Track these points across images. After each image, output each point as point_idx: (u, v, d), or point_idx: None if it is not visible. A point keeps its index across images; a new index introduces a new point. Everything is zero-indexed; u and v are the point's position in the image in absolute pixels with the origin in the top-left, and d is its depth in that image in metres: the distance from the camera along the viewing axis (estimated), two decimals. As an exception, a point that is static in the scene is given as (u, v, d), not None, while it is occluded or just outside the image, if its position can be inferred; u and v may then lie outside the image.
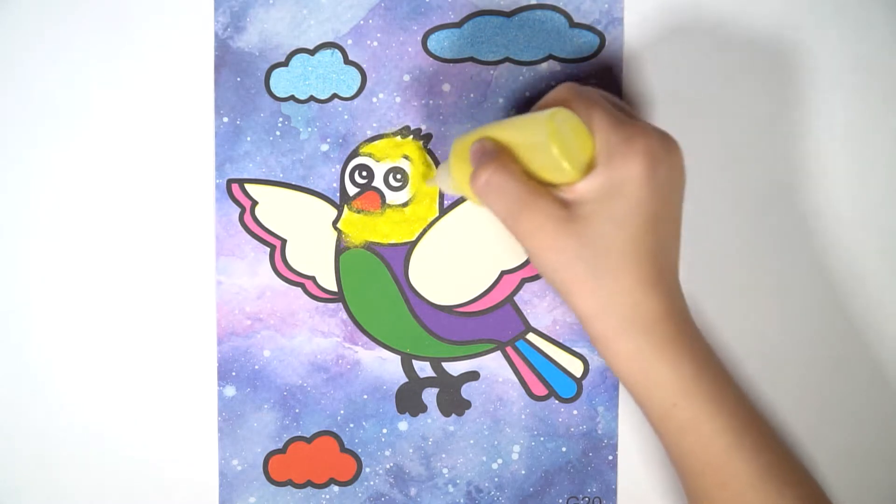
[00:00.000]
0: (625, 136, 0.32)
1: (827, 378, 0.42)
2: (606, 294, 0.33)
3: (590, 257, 0.32)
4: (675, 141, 0.34)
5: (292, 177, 0.42)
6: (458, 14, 0.41)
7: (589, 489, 0.42)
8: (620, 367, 0.34)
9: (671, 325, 0.33)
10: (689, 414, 0.33)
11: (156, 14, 0.41)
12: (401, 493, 0.43)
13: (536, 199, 0.33)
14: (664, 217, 0.33)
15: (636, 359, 0.33)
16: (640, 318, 0.33)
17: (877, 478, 0.42)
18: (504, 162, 0.34)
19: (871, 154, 0.41)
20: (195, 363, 0.42)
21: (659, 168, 0.32)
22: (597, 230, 0.32)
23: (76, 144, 0.42)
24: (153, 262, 0.42)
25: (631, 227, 0.32)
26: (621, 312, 0.33)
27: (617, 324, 0.33)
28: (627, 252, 0.32)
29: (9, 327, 0.42)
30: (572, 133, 0.33)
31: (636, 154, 0.32)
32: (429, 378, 0.42)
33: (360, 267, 0.42)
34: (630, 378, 0.34)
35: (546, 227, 0.33)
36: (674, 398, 0.33)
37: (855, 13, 0.41)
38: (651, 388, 0.34)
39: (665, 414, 0.34)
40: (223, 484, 0.43)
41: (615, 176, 0.32)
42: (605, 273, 0.32)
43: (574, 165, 0.32)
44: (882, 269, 0.41)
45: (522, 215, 0.33)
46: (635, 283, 0.33)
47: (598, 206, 0.32)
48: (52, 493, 0.43)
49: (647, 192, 0.32)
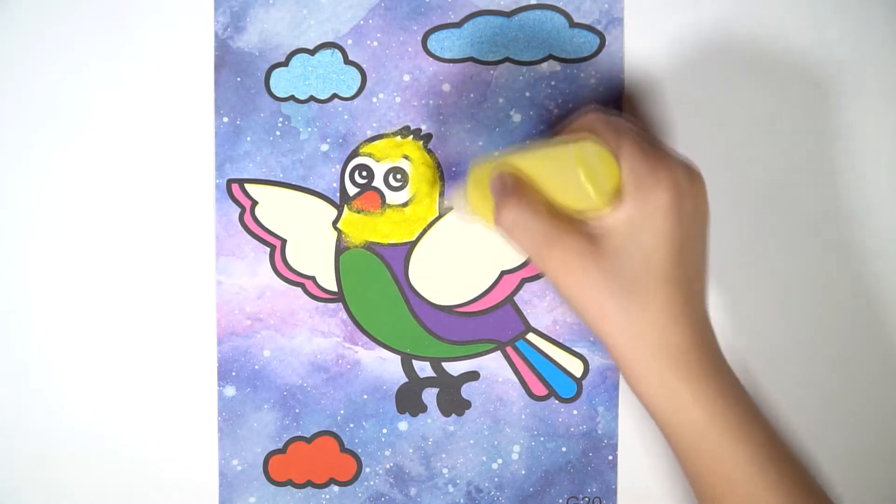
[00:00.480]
0: (651, 166, 0.32)
1: (827, 378, 0.42)
2: (635, 326, 0.33)
3: (617, 290, 0.32)
4: (699, 172, 0.34)
5: (292, 177, 0.42)
6: (458, 14, 0.41)
7: (589, 489, 0.42)
8: (649, 398, 0.34)
9: (699, 356, 0.33)
10: (716, 445, 0.33)
11: (156, 14, 0.41)
12: (401, 493, 0.43)
13: (562, 235, 0.33)
14: (690, 248, 0.33)
15: (664, 389, 0.33)
16: (668, 349, 0.33)
17: (877, 478, 0.42)
18: (527, 197, 0.33)
19: (872, 154, 0.41)
20: (195, 363, 0.42)
21: (685, 199, 0.32)
22: (623, 262, 0.32)
23: (76, 144, 0.42)
24: (153, 262, 0.42)
25: (658, 259, 0.32)
26: (649, 343, 0.33)
27: (645, 355, 0.33)
28: (655, 283, 0.32)
29: (9, 327, 0.42)
30: (600, 162, 0.32)
31: (663, 185, 0.32)
32: (429, 378, 0.42)
33: (360, 267, 0.42)
34: (658, 408, 0.34)
35: (573, 263, 0.33)
36: (701, 429, 0.33)
37: (855, 13, 0.41)
38: (678, 419, 0.33)
39: (691, 445, 0.34)
40: (223, 484, 0.43)
41: (642, 207, 0.32)
42: (632, 305, 0.32)
43: (601, 195, 0.32)
44: (882, 269, 0.41)
45: (549, 252, 0.33)
46: (663, 314, 0.32)
47: (625, 237, 0.32)
48: (52, 493, 0.43)
49: (674, 223, 0.32)
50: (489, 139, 0.41)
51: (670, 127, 0.41)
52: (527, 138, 0.41)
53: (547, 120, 0.41)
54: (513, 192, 0.34)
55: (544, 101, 0.41)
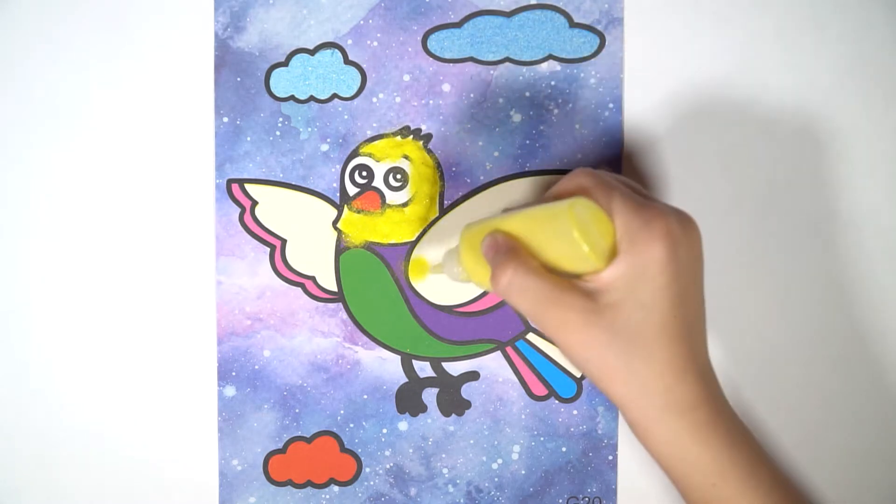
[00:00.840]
0: (644, 219, 0.32)
1: (827, 378, 0.42)
2: (640, 381, 0.33)
3: (620, 346, 0.32)
4: (693, 220, 0.34)
5: (292, 177, 0.42)
6: (458, 14, 0.41)
7: (589, 489, 0.42)
8: (658, 451, 0.34)
9: (706, 408, 0.33)
10: (727, 493, 0.33)
11: (156, 14, 0.41)
12: (401, 493, 0.43)
13: (561, 295, 0.33)
14: (688, 298, 0.33)
15: (673, 443, 0.33)
16: (675, 404, 0.33)
17: (877, 478, 0.42)
18: (523, 259, 0.33)
19: (872, 154, 0.41)
20: (195, 363, 0.42)
21: (679, 249, 0.32)
22: (624, 318, 0.32)
23: (76, 144, 0.42)
24: (153, 262, 0.42)
25: (658, 312, 0.32)
26: (656, 399, 0.33)
27: (652, 410, 0.33)
28: (657, 337, 0.32)
29: (9, 327, 0.42)
30: (593, 221, 0.32)
31: (656, 237, 0.32)
32: (429, 378, 0.42)
33: (360, 267, 0.42)
34: (667, 461, 0.34)
35: (574, 322, 0.33)
36: (711, 479, 0.33)
37: (855, 13, 0.41)
38: (688, 470, 0.34)
39: (703, 495, 0.34)
40: (223, 484, 0.43)
41: (638, 261, 0.32)
42: (636, 360, 0.32)
43: (598, 254, 0.32)
44: (882, 269, 0.41)
45: (549, 312, 0.33)
46: (667, 368, 0.32)
47: (624, 293, 0.32)
48: (52, 493, 0.43)
49: (671, 275, 0.32)
50: (489, 139, 0.41)
51: (670, 127, 0.41)
52: (525, 144, 0.41)
53: (547, 120, 0.41)
54: (507, 255, 0.33)
55: (544, 101, 0.41)
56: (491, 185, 0.42)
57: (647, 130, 0.41)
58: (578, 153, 0.41)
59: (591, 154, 0.41)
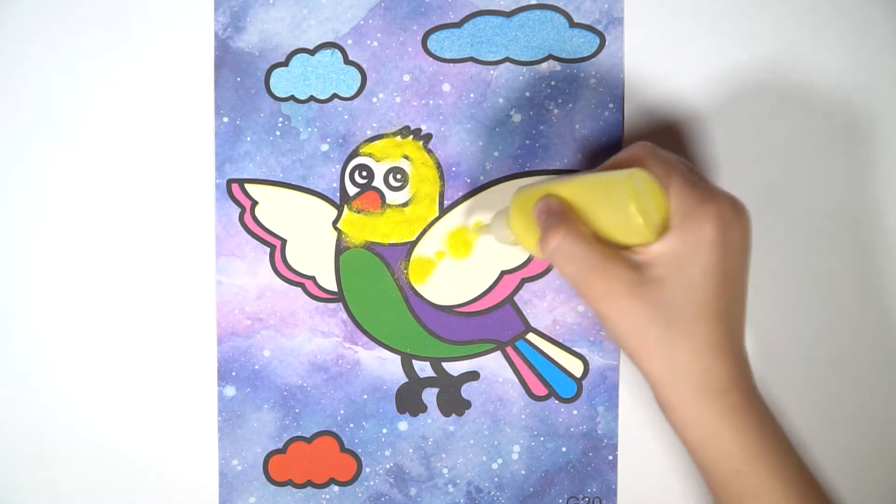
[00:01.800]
0: (699, 199, 0.32)
1: (828, 378, 0.42)
2: (677, 359, 0.33)
3: (661, 322, 0.32)
4: (745, 206, 0.34)
5: (292, 177, 0.42)
6: (458, 14, 0.41)
7: (589, 489, 0.42)
8: (686, 432, 0.34)
9: (739, 392, 0.33)
10: (752, 481, 0.33)
11: (156, 14, 0.41)
12: (401, 493, 0.43)
13: (607, 264, 0.33)
14: (733, 281, 0.33)
15: (704, 425, 0.33)
16: (710, 385, 0.33)
17: (877, 478, 0.42)
18: (574, 224, 0.33)
19: (872, 154, 0.41)
20: (195, 363, 0.42)
21: (730, 232, 0.32)
22: (668, 294, 0.32)
23: (76, 144, 0.42)
24: (153, 262, 0.42)
25: (703, 291, 0.32)
26: (692, 379, 0.33)
27: (686, 390, 0.33)
28: (699, 316, 0.32)
29: (9, 327, 0.42)
30: (649, 194, 0.32)
31: (710, 218, 0.32)
32: (429, 378, 0.42)
33: (360, 267, 0.42)
34: (695, 443, 0.34)
35: (617, 292, 0.33)
36: (738, 465, 0.33)
37: (855, 13, 0.41)
38: (716, 454, 0.33)
39: (728, 479, 0.34)
40: (223, 484, 0.43)
41: (689, 239, 0.32)
42: (676, 337, 0.32)
43: (650, 227, 0.32)
44: (883, 268, 0.41)
45: (594, 281, 0.33)
46: (706, 348, 0.32)
47: (671, 268, 0.32)
48: (52, 493, 0.43)
49: (719, 256, 0.32)
50: (489, 139, 0.41)
51: (671, 127, 0.41)
52: (525, 144, 0.41)
53: (547, 120, 0.41)
54: (559, 219, 0.33)
55: (544, 101, 0.41)
56: (491, 185, 0.42)
57: (646, 130, 0.41)
58: (578, 153, 0.41)
59: (591, 154, 0.41)
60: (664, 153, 0.35)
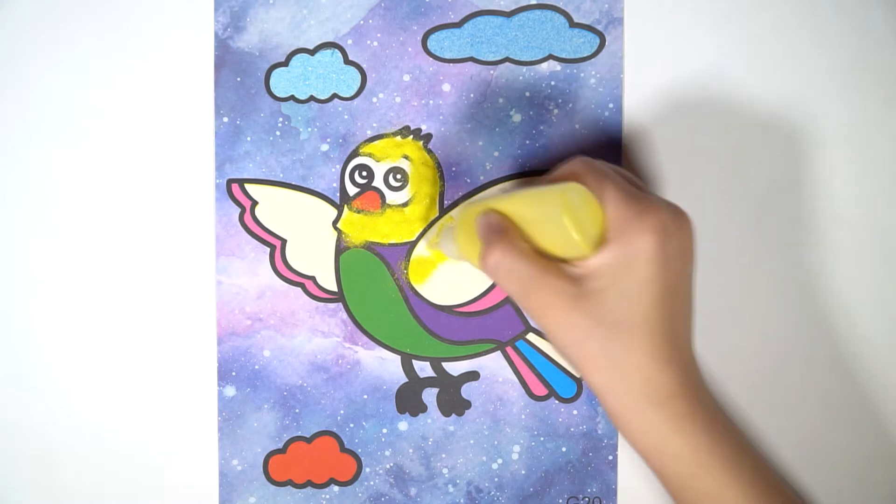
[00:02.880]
0: (636, 210, 0.32)
1: (827, 378, 0.42)
2: (619, 370, 0.33)
3: (601, 333, 0.32)
4: (686, 215, 0.34)
5: (292, 177, 0.42)
6: (458, 14, 0.41)
7: (589, 489, 0.42)
8: (636, 440, 0.34)
9: (685, 399, 0.33)
10: (708, 483, 0.33)
11: (156, 14, 0.41)
12: (401, 493, 0.43)
13: (546, 278, 0.33)
14: (675, 291, 0.33)
15: (652, 433, 0.33)
16: (654, 394, 0.33)
17: (877, 478, 0.42)
18: (512, 240, 0.33)
19: (872, 154, 0.41)
20: (195, 363, 0.42)
21: (669, 243, 0.32)
22: (608, 306, 0.32)
23: (76, 144, 0.42)
24: (153, 262, 0.42)
25: (642, 303, 0.32)
26: (635, 388, 0.33)
27: (631, 399, 0.33)
28: (639, 328, 0.32)
29: (9, 327, 0.42)
30: (584, 208, 0.32)
31: (647, 229, 0.32)
32: (429, 378, 0.42)
33: (360, 267, 0.42)
34: (646, 451, 0.34)
35: (557, 305, 0.33)
36: (692, 468, 0.33)
37: (855, 13, 0.41)
38: (668, 460, 0.34)
39: (683, 484, 0.34)
40: (223, 484, 0.43)
41: (626, 251, 0.32)
42: (617, 349, 0.32)
43: (587, 241, 0.32)
44: (881, 269, 0.41)
45: (533, 294, 0.33)
46: (648, 359, 0.32)
47: (609, 280, 0.32)
48: (52, 493, 0.43)
49: (658, 268, 0.32)
50: (489, 139, 0.41)
51: (671, 127, 0.41)
52: (525, 144, 0.41)
53: (547, 120, 0.41)
54: (498, 235, 0.34)
55: (544, 101, 0.41)
56: (491, 185, 0.42)
57: (646, 130, 0.41)
58: (578, 153, 0.41)
59: (591, 154, 0.41)
60: (601, 166, 0.35)
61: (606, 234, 0.32)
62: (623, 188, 0.33)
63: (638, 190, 0.34)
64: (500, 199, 0.35)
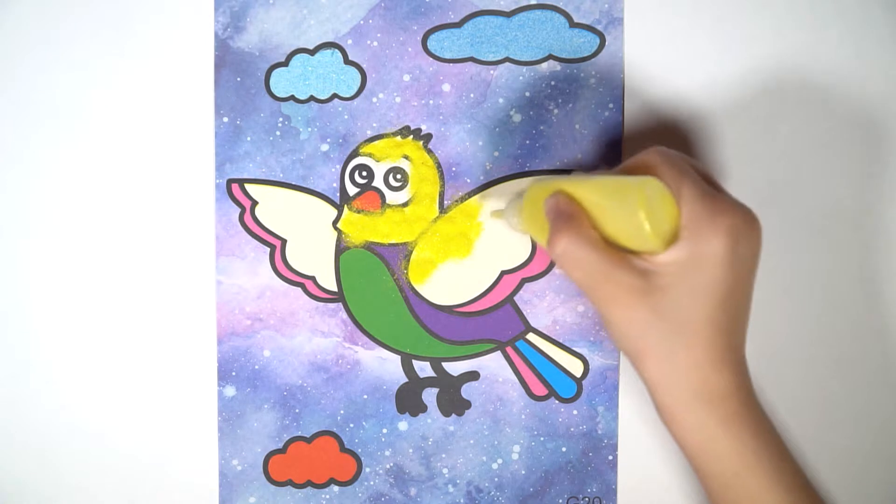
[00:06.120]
0: (711, 211, 0.32)
1: (828, 378, 0.42)
2: (676, 366, 0.33)
3: (664, 329, 0.33)
4: (757, 219, 0.33)
5: (292, 177, 0.42)
6: (458, 14, 0.41)
7: (589, 489, 0.42)
8: (684, 437, 0.34)
9: (737, 400, 0.33)
10: (751, 484, 0.34)
11: (156, 14, 0.41)
12: (401, 493, 0.43)
13: (614, 270, 0.33)
14: (739, 294, 0.33)
15: (700, 431, 0.33)
16: (708, 393, 0.33)
17: (877, 478, 0.42)
18: (582, 228, 0.33)
19: (872, 153, 0.41)
20: (195, 363, 0.42)
21: (740, 245, 0.32)
22: (673, 303, 0.32)
23: (76, 144, 0.42)
24: (153, 262, 0.42)
25: (707, 303, 0.32)
26: (690, 386, 0.33)
27: (684, 397, 0.33)
28: (702, 327, 0.32)
29: (9, 327, 0.42)
30: (661, 204, 0.32)
31: (721, 231, 0.32)
32: (429, 378, 0.42)
33: (360, 267, 0.42)
34: (693, 448, 0.34)
35: (622, 298, 0.33)
36: (736, 468, 0.34)
37: (855, 13, 0.41)
38: (713, 459, 0.34)
39: (725, 483, 0.34)
40: (223, 484, 0.43)
41: (698, 251, 0.32)
42: (677, 346, 0.33)
43: (660, 237, 0.32)
44: (883, 268, 0.41)
45: (599, 286, 0.33)
46: (706, 359, 0.33)
47: (677, 278, 0.32)
48: (52, 492, 0.43)
49: (727, 269, 0.32)
50: (489, 139, 0.41)
51: (671, 127, 0.41)
52: (525, 144, 0.41)
53: (547, 120, 0.41)
54: (567, 221, 0.33)
55: (544, 101, 0.41)
56: (491, 185, 0.42)
57: (647, 130, 0.41)
58: (578, 153, 0.41)
59: (591, 154, 0.41)
60: (678, 160, 0.34)
61: (679, 232, 0.32)
62: (700, 187, 0.33)
63: (713, 188, 0.34)
64: (573, 182, 0.35)
